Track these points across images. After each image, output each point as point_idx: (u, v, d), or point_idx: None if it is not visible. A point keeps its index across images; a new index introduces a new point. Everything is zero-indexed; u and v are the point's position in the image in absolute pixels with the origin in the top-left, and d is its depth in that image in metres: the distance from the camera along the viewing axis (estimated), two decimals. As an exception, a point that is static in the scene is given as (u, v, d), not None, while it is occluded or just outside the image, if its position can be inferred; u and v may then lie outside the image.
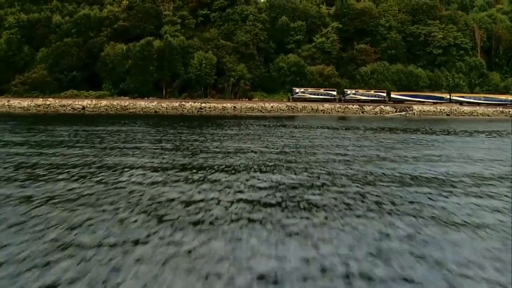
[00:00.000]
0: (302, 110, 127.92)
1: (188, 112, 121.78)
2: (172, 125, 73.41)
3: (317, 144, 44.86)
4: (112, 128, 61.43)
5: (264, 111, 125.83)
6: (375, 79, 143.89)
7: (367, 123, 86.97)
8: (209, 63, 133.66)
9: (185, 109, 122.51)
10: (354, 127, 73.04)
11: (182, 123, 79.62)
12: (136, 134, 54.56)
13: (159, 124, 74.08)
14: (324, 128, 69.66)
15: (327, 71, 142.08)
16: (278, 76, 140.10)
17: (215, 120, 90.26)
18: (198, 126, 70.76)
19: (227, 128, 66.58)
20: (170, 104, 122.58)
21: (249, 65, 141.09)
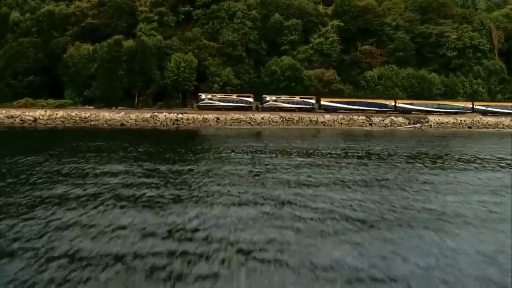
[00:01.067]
0: (299, 122, 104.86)
1: (162, 125, 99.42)
2: (126, 146, 50.82)
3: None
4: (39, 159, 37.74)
5: (254, 123, 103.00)
6: (383, 85, 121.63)
7: (373, 143, 66.44)
8: (188, 66, 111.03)
9: (158, 121, 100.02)
10: (358, 151, 50.34)
11: (146, 143, 56.66)
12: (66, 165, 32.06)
13: (111, 148, 51.26)
14: (330, 156, 46.68)
15: (327, 76, 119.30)
16: (270, 82, 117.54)
17: (192, 138, 68.05)
18: (162, 150, 48.13)
19: (199, 155, 44.37)
20: (141, 115, 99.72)
21: (236, 69, 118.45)
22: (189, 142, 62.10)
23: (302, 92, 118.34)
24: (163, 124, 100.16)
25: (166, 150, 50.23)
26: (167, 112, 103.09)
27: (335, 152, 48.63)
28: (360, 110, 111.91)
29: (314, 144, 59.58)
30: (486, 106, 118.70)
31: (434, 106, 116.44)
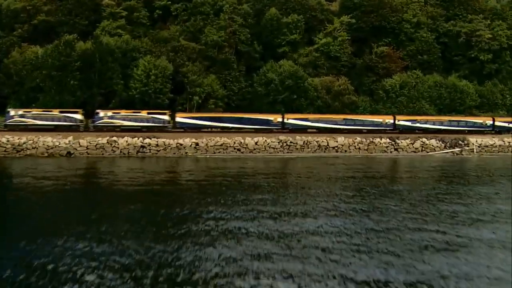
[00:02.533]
0: (304, 148, 78.18)
1: (123, 154, 72.91)
2: None
3: None
4: None
5: (245, 149, 76.90)
6: (407, 95, 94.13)
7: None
8: (161, 74, 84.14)
9: (117, 149, 72.79)
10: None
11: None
12: None
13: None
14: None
15: (338, 85, 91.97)
16: (266, 93, 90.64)
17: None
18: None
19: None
20: (94, 141, 72.60)
21: (223, 77, 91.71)
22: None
23: (306, 106, 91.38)
24: (123, 152, 73.59)
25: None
26: (129, 136, 75.61)
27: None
28: (228, 128, 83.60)
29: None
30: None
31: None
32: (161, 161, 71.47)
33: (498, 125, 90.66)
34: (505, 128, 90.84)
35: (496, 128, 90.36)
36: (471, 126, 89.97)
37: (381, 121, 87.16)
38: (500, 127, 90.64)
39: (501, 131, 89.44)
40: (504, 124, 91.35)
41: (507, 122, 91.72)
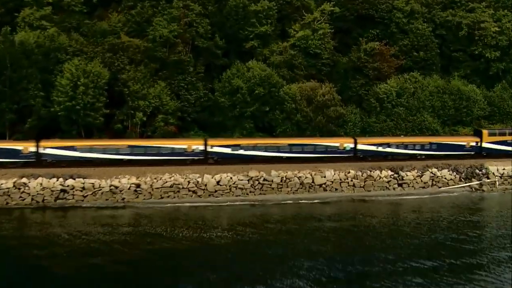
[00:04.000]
0: (282, 187, 59.02)
1: (36, 202, 52.02)
2: None
3: None
4: None
5: (202, 191, 58.06)
6: (405, 105, 74.01)
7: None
8: (93, 84, 62.29)
9: (27, 195, 51.39)
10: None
11: None
12: None
13: None
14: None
15: (321, 94, 71.52)
16: (231, 104, 69.09)
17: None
18: None
19: None
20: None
21: (175, 83, 70.13)
22: None
23: (282, 120, 71.24)
24: (37, 200, 52.43)
25: None
26: (44, 174, 54.49)
27: None
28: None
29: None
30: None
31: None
32: (88, 215, 50.87)
33: (362, 148, 67.87)
34: (373, 153, 67.80)
35: (359, 153, 67.69)
36: (323, 152, 66.51)
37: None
38: (365, 151, 67.97)
39: (365, 156, 67.55)
40: (370, 147, 68.23)
41: (377, 144, 68.41)
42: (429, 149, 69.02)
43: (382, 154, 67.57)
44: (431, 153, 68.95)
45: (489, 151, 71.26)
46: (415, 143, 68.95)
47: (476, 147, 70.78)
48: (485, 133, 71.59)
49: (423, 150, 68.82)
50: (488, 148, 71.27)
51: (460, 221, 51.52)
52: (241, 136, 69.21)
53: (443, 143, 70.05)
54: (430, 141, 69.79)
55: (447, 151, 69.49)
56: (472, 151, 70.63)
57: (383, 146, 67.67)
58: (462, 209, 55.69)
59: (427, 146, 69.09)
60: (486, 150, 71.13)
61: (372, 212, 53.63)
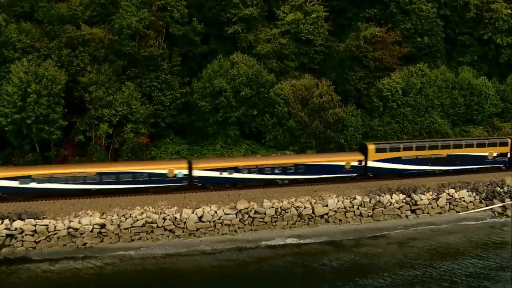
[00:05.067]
0: (277, 220, 49.79)
1: None
2: None
3: None
4: None
5: (182, 230, 46.91)
6: (412, 104, 64.13)
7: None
8: (46, 90, 51.38)
9: None
10: None
11: None
12: None
13: None
14: None
15: (318, 94, 60.93)
16: (213, 108, 58.55)
17: None
18: None
19: None
20: None
21: (146, 83, 58.55)
22: None
23: (272, 126, 60.82)
24: None
25: None
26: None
27: None
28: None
29: None
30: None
31: None
32: (39, 274, 40.70)
33: (199, 175, 52.77)
34: (215, 181, 52.79)
35: (196, 180, 52.72)
36: (146, 181, 51.29)
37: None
38: (204, 178, 52.84)
39: (205, 184, 52.99)
40: (211, 173, 52.89)
41: (221, 169, 52.98)
42: (294, 172, 54.03)
43: (228, 181, 52.55)
44: (296, 177, 54.16)
45: (377, 172, 56.87)
46: (275, 165, 53.51)
47: (359, 168, 56.20)
48: (371, 148, 56.60)
49: (285, 174, 53.79)
50: (375, 168, 56.73)
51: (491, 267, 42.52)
52: (234, 155, 58.98)
53: (314, 165, 54.83)
54: (295, 163, 54.50)
55: (320, 174, 54.93)
56: (354, 173, 56.31)
57: (229, 171, 52.26)
58: (487, 248, 46.55)
59: (291, 169, 53.99)
60: (373, 171, 56.89)
61: (386, 265, 44.13)
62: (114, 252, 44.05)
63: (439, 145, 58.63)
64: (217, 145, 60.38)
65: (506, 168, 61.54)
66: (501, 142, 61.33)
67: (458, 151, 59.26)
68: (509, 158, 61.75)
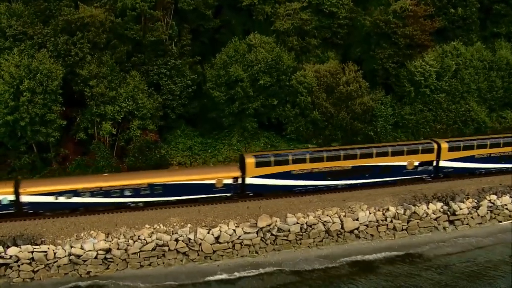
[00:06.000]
0: (302, 238, 44.35)
1: None
2: None
3: None
4: None
5: (197, 253, 42.39)
6: (447, 90, 57.73)
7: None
8: (41, 87, 45.29)
9: None
10: None
11: None
12: None
13: None
14: None
15: (344, 81, 54.63)
16: (228, 98, 52.25)
17: None
18: None
19: None
20: None
21: (153, 71, 51.95)
22: None
23: (294, 118, 54.61)
24: None
25: None
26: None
27: None
28: None
29: None
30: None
31: None
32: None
33: (29, 201, 42.99)
34: (49, 207, 43.44)
35: (26, 207, 43.08)
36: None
37: None
38: (35, 205, 43.18)
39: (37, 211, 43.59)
40: (43, 198, 43.18)
41: (56, 193, 43.32)
42: (149, 194, 44.65)
43: (67, 206, 43.32)
44: (152, 200, 44.89)
45: (258, 190, 46.98)
46: (124, 187, 43.88)
47: (235, 186, 46.31)
48: (250, 162, 46.18)
49: (138, 196, 44.44)
50: (256, 186, 46.73)
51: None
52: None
53: (174, 185, 44.90)
54: (150, 182, 44.53)
55: (183, 195, 45.39)
56: (228, 192, 46.35)
57: (67, 195, 42.87)
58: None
59: (145, 190, 44.46)
60: (253, 189, 46.97)
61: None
62: (121, 281, 39.10)
63: (342, 155, 47.94)
64: (233, 139, 54.50)
65: (431, 178, 51.67)
66: (424, 149, 50.53)
67: (367, 161, 48.74)
68: (435, 167, 51.40)
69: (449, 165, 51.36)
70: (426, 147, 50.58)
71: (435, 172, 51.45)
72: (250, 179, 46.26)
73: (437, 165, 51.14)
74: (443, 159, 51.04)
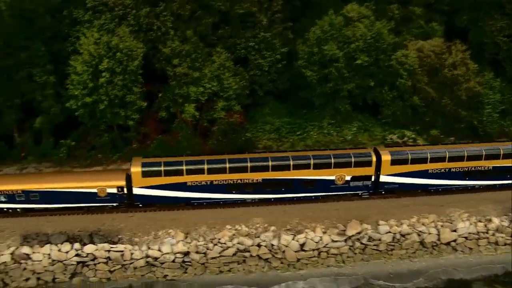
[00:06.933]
0: (394, 249, 40.74)
1: (43, 284, 37.83)
2: None
3: None
4: None
5: (280, 262, 39.58)
6: None
7: None
8: (121, 67, 42.10)
9: (28, 275, 37.65)
10: None
11: None
12: None
13: None
14: None
15: (451, 62, 48.86)
16: (321, 78, 47.64)
17: None
18: None
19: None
20: None
21: (241, 44, 47.94)
22: None
23: (391, 101, 49.70)
24: (45, 280, 38.35)
25: None
26: (54, 240, 37.35)
27: None
28: None
29: None
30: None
31: None
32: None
33: None
34: None
35: None
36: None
37: None
38: None
39: None
40: None
41: None
42: (25, 200, 39.97)
43: None
44: (28, 207, 40.21)
45: (148, 201, 41.22)
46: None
47: (120, 196, 40.83)
48: (136, 172, 40.10)
49: (13, 202, 39.81)
50: (146, 197, 40.87)
51: None
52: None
53: (52, 192, 39.86)
54: (25, 189, 39.68)
55: (64, 203, 40.25)
56: (114, 202, 40.94)
57: None
58: None
59: (20, 197, 39.86)
60: (142, 200, 41.12)
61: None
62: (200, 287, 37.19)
63: (248, 167, 40.87)
64: (324, 121, 50.26)
65: (369, 194, 43.73)
66: (359, 161, 42.11)
67: (282, 174, 41.42)
68: (374, 182, 43.19)
69: (393, 180, 43.20)
70: (360, 160, 42.37)
71: (373, 188, 43.56)
72: (138, 190, 40.69)
73: (377, 180, 43.20)
74: (385, 174, 43.05)
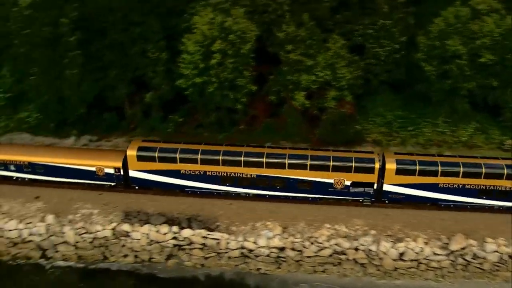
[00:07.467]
0: (500, 269, 37.23)
1: (139, 262, 39.71)
2: None
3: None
4: None
5: (377, 268, 38.54)
6: None
7: None
8: (233, 49, 41.34)
9: (127, 252, 39.94)
10: None
11: None
12: None
13: None
14: None
15: None
16: (441, 73, 44.66)
17: None
18: None
19: None
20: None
21: (359, 31, 46.26)
22: None
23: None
24: (141, 259, 40.09)
25: None
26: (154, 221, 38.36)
27: None
28: None
29: None
30: None
31: None
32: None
33: None
34: None
35: None
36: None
37: None
38: None
39: None
40: None
41: None
42: (31, 171, 44.15)
43: None
44: (36, 178, 44.42)
45: (141, 184, 43.31)
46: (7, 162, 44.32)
47: (117, 176, 43.40)
48: (131, 155, 42.51)
49: (21, 171, 44.53)
50: (139, 180, 43.12)
51: None
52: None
53: (58, 166, 43.72)
54: (31, 161, 44.21)
55: (66, 178, 43.99)
56: (111, 182, 43.66)
57: None
58: None
59: (27, 168, 44.29)
60: (136, 182, 43.29)
61: None
62: (292, 284, 36.85)
63: (242, 161, 40.54)
64: (439, 118, 47.51)
65: (371, 202, 41.28)
66: (360, 167, 40.10)
67: (277, 172, 40.57)
68: (376, 190, 40.78)
69: (398, 190, 40.59)
70: (362, 166, 40.30)
71: (375, 196, 41.35)
72: (133, 172, 42.81)
73: (380, 188, 40.90)
74: (389, 183, 40.51)
